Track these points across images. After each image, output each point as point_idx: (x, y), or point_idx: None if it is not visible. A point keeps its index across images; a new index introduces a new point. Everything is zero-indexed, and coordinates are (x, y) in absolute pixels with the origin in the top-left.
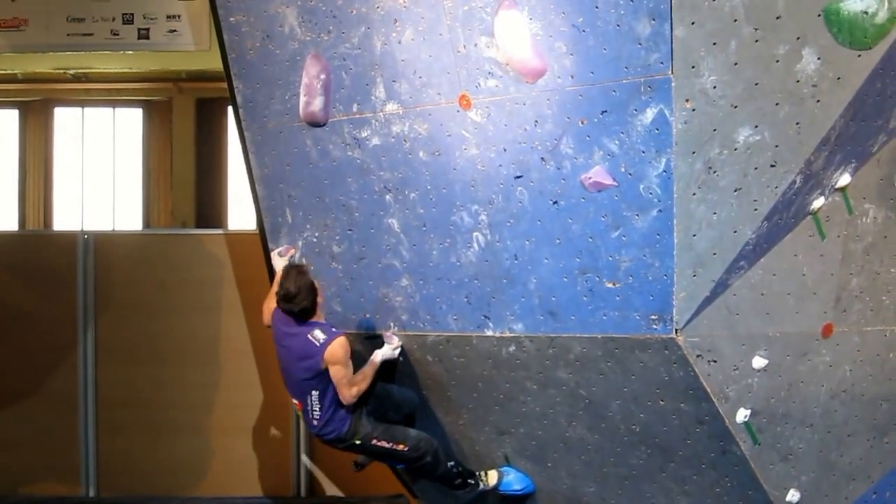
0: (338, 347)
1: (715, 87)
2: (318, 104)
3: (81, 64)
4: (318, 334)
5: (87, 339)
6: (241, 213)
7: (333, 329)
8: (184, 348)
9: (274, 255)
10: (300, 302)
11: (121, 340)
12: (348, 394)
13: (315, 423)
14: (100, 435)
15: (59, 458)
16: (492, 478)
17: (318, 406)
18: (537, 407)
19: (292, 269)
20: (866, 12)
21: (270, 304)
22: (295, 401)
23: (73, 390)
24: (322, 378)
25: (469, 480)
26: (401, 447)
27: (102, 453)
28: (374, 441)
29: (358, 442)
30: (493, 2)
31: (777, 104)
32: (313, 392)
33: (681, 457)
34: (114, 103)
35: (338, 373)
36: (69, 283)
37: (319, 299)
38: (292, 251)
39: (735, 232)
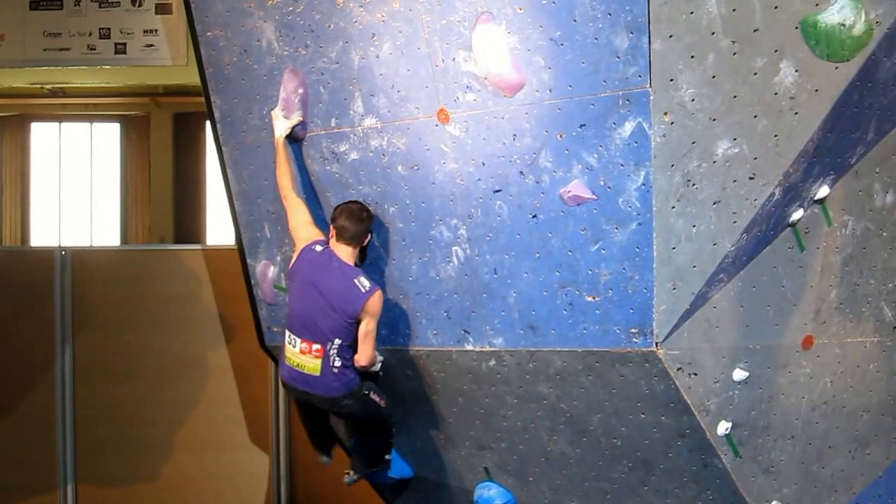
0: (378, 300)
1: (693, 100)
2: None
3: (58, 79)
4: (364, 281)
5: (65, 356)
6: (219, 229)
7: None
8: (162, 364)
9: (276, 115)
10: (354, 234)
11: (99, 357)
12: (372, 354)
13: (334, 370)
14: (78, 452)
15: (37, 475)
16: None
17: (340, 353)
18: (518, 421)
19: (357, 206)
20: (843, 25)
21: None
22: (316, 346)
23: (50, 407)
24: (354, 328)
25: (387, 457)
26: (383, 403)
27: (81, 471)
28: (372, 394)
29: (365, 392)
30: (471, 16)
31: (755, 117)
32: (337, 340)
33: (662, 470)
34: (91, 118)
35: (369, 325)
36: (46, 299)
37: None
38: (298, 118)
39: (714, 245)
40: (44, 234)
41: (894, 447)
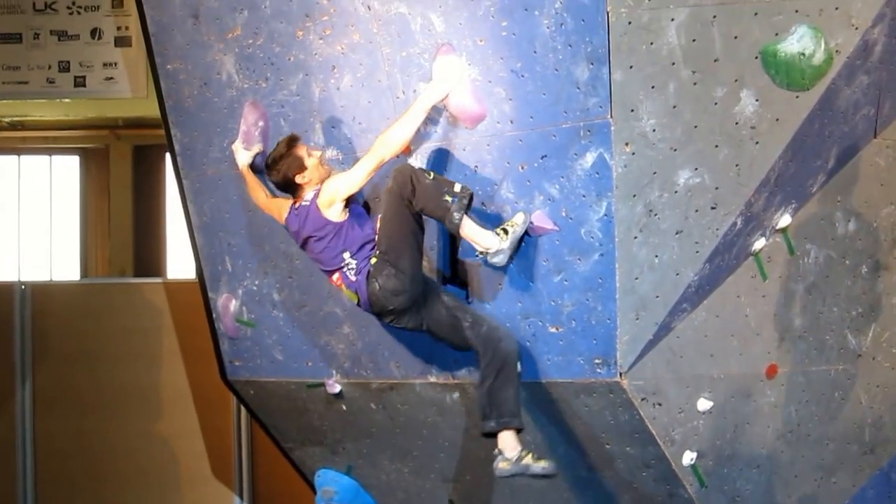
0: (325, 187)
1: (654, 131)
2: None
3: (17, 112)
4: (308, 196)
5: (25, 390)
6: (179, 262)
7: None
8: (123, 398)
9: (237, 147)
10: (273, 174)
11: (59, 391)
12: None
13: (358, 283)
14: (38, 487)
15: None
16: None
17: (355, 263)
18: (483, 453)
19: (285, 139)
20: (803, 54)
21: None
22: (335, 276)
23: (10, 441)
24: (339, 232)
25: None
26: (449, 300)
27: None
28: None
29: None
30: (432, 48)
31: (716, 146)
32: (344, 254)
33: (627, 500)
34: (50, 151)
35: (334, 181)
36: (6, 333)
37: (302, 179)
38: (259, 148)
39: (677, 274)
40: (3, 268)
41: (860, 475)
